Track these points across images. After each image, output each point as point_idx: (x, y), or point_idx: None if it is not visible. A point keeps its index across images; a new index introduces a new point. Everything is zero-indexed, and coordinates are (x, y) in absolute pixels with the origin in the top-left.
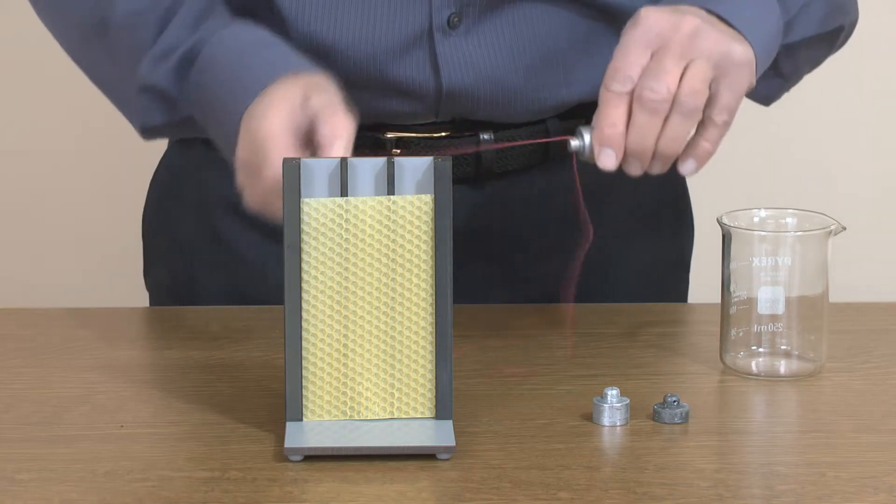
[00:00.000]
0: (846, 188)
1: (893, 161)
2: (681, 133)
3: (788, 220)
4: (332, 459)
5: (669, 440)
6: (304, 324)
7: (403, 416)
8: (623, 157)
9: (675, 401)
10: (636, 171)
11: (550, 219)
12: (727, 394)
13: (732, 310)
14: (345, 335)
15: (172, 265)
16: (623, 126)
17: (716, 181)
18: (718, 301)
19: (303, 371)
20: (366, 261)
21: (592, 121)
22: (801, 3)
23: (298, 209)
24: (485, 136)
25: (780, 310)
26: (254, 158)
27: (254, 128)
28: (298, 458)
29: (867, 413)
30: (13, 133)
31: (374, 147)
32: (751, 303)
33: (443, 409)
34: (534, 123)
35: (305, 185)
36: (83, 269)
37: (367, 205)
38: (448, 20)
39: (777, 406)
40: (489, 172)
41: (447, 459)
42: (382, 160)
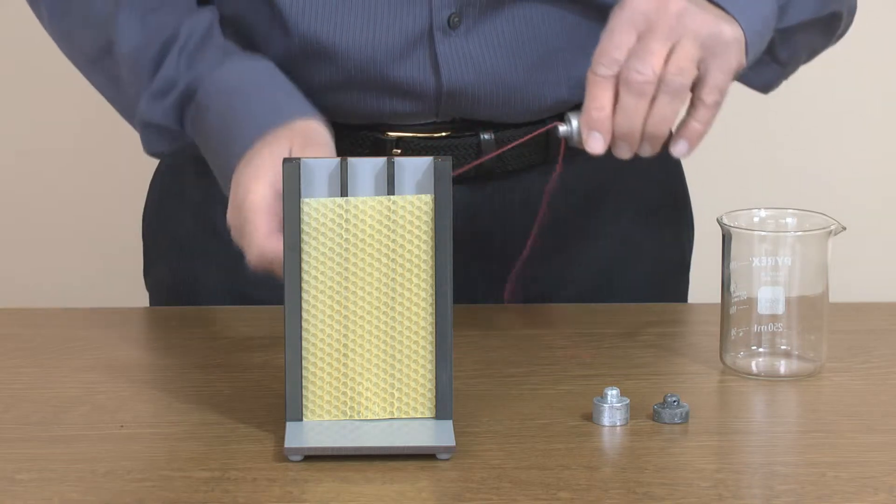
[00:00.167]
0: (846, 188)
1: (894, 161)
2: (668, 113)
3: (788, 220)
4: (332, 459)
5: (669, 440)
6: (304, 324)
7: (403, 416)
8: (612, 141)
9: (675, 401)
10: (625, 154)
11: (550, 219)
12: (727, 394)
13: (732, 310)
14: (345, 335)
15: (173, 265)
16: (610, 109)
17: (716, 181)
18: (718, 301)
19: (303, 371)
20: (366, 261)
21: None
22: None
23: (298, 209)
24: (485, 136)
25: (780, 310)
26: (240, 229)
27: (240, 196)
28: (298, 458)
29: (867, 413)
30: (13, 133)
31: (375, 147)
32: (751, 303)
33: (443, 409)
34: (534, 123)
35: (305, 185)
36: (83, 269)
37: (367, 205)
38: (448, 20)
39: (777, 406)
40: (489, 173)
41: (447, 459)
42: (382, 160)
